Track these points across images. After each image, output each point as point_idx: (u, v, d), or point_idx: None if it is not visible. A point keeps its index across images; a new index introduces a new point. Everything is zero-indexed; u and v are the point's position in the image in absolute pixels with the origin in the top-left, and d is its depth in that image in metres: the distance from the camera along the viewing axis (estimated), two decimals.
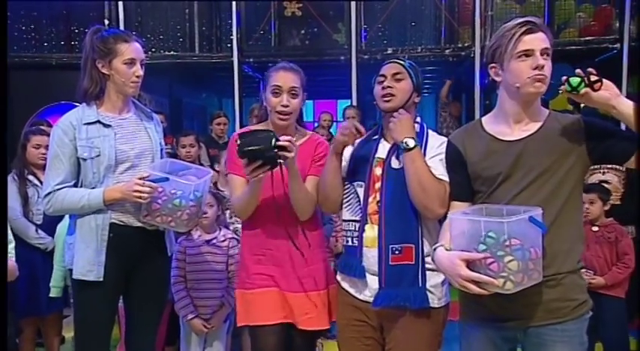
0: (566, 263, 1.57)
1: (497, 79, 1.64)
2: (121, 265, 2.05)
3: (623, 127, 1.67)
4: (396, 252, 1.80)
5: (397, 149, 1.84)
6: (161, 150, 2.20)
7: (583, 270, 1.67)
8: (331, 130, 5.64)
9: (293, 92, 1.96)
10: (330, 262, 2.15)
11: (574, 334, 1.59)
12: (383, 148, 1.91)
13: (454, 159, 1.72)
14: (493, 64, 1.63)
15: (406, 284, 1.79)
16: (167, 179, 2.00)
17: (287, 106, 1.95)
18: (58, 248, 2.88)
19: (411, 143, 1.76)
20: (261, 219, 1.98)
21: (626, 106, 1.48)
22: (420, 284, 1.79)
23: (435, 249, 1.64)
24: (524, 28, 1.55)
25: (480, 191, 1.66)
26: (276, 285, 1.98)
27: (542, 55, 1.55)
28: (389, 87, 1.85)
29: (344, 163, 1.95)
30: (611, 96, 1.48)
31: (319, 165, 2.01)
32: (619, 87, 5.85)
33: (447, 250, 1.56)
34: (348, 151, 1.97)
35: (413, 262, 1.79)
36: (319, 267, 2.02)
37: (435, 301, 1.82)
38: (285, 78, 1.96)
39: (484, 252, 1.43)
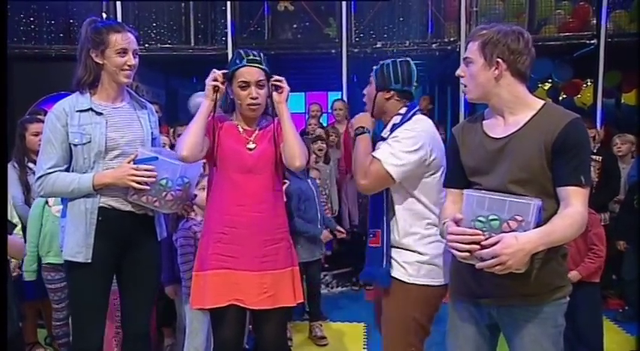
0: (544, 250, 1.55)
1: None
2: (111, 248, 2.04)
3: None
4: (371, 236, 1.99)
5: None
6: (154, 139, 2.19)
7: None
8: (321, 120, 5.64)
9: (260, 84, 1.96)
10: (291, 243, 2.13)
11: (547, 316, 1.59)
12: None
13: (451, 148, 1.74)
14: None
15: (376, 264, 1.96)
16: (157, 158, 2.00)
17: (256, 98, 1.95)
18: (29, 233, 2.84)
19: (358, 131, 1.98)
20: (226, 199, 1.98)
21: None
22: (384, 265, 1.94)
23: (444, 223, 1.63)
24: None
25: (473, 183, 1.66)
26: (232, 266, 1.96)
27: (465, 65, 1.63)
28: (363, 94, 2.09)
29: None
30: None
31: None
32: (595, 81, 5.92)
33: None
34: None
35: (379, 245, 1.95)
36: (280, 247, 2.02)
37: (404, 277, 1.93)
38: (251, 72, 1.94)
39: (483, 231, 1.46)
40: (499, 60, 1.56)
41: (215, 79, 1.93)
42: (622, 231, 3.75)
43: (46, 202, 2.89)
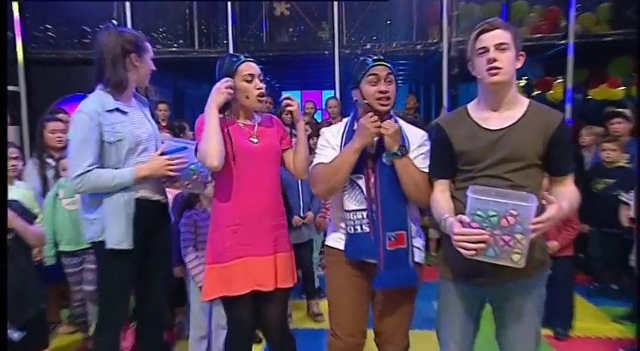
0: None
1: (473, 73, 1.66)
2: (140, 235, 2.08)
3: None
4: (392, 239, 1.79)
5: (384, 151, 1.81)
6: None
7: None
8: (315, 116, 5.64)
9: (261, 78, 2.00)
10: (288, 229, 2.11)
11: (533, 288, 1.64)
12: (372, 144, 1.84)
13: (439, 139, 1.71)
14: (469, 62, 1.67)
15: (401, 266, 1.80)
16: (185, 148, 2.09)
17: (261, 89, 1.97)
18: (46, 221, 2.83)
19: (403, 151, 1.76)
20: (237, 193, 1.95)
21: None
22: (411, 264, 1.81)
23: (445, 219, 1.60)
24: (480, 29, 1.60)
25: (463, 171, 1.65)
26: (250, 253, 1.94)
27: (496, 49, 1.55)
28: (386, 91, 1.79)
29: (334, 152, 1.88)
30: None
31: (288, 140, 2.09)
32: (565, 78, 5.88)
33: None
34: (335, 141, 1.91)
35: (405, 246, 1.80)
36: (284, 232, 2.05)
37: (422, 260, 1.89)
38: (253, 66, 1.97)
39: (484, 227, 1.44)
40: (523, 53, 1.62)
41: (229, 87, 1.90)
42: (581, 214, 3.77)
43: (57, 195, 2.88)
